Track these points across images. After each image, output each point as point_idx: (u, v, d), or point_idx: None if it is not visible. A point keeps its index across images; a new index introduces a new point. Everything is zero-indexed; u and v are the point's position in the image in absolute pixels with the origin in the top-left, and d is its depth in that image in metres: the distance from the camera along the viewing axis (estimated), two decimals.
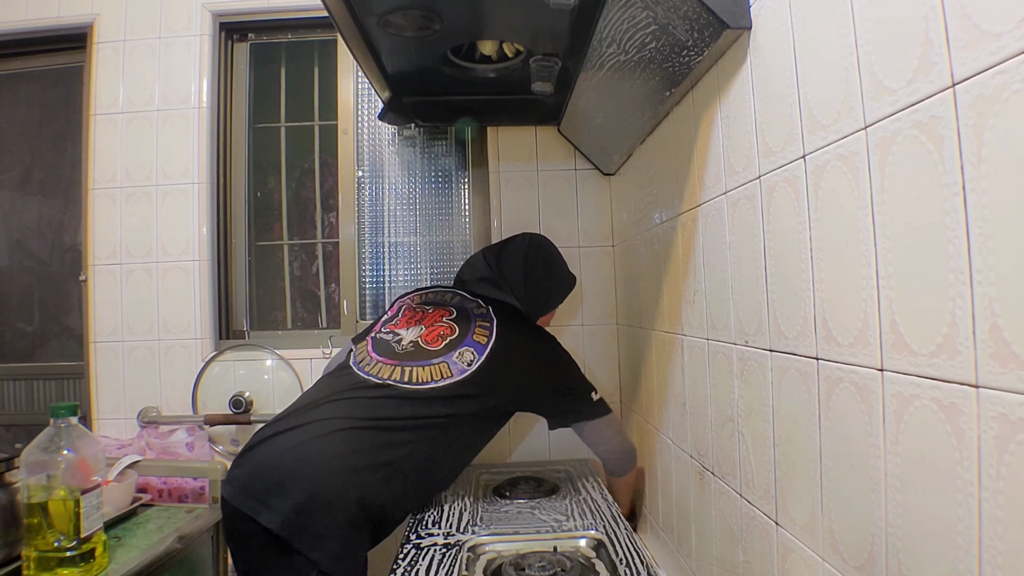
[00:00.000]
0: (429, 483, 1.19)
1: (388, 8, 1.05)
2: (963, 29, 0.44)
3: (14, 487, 1.05)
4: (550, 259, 1.46)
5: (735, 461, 0.89)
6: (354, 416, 1.11)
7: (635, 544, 1.09)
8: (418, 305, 1.38)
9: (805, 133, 0.66)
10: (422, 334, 1.27)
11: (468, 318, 1.30)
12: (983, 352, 0.43)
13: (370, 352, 1.26)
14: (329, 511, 0.99)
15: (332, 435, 1.07)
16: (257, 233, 1.92)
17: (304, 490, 0.99)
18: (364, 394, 1.15)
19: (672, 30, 0.88)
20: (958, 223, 0.45)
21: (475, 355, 1.23)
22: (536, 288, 1.43)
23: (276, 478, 1.02)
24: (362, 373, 1.21)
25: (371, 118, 1.87)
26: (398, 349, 1.25)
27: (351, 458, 1.05)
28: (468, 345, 1.24)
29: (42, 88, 1.91)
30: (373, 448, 1.08)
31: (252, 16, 1.84)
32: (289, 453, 1.05)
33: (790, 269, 0.70)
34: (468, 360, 1.22)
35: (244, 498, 1.02)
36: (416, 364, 1.20)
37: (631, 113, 1.24)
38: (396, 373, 1.19)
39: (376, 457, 1.07)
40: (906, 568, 0.52)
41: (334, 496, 1.00)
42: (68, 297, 1.87)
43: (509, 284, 1.41)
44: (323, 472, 1.02)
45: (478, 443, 1.26)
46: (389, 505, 1.08)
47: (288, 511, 0.98)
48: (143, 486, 1.47)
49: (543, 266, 1.44)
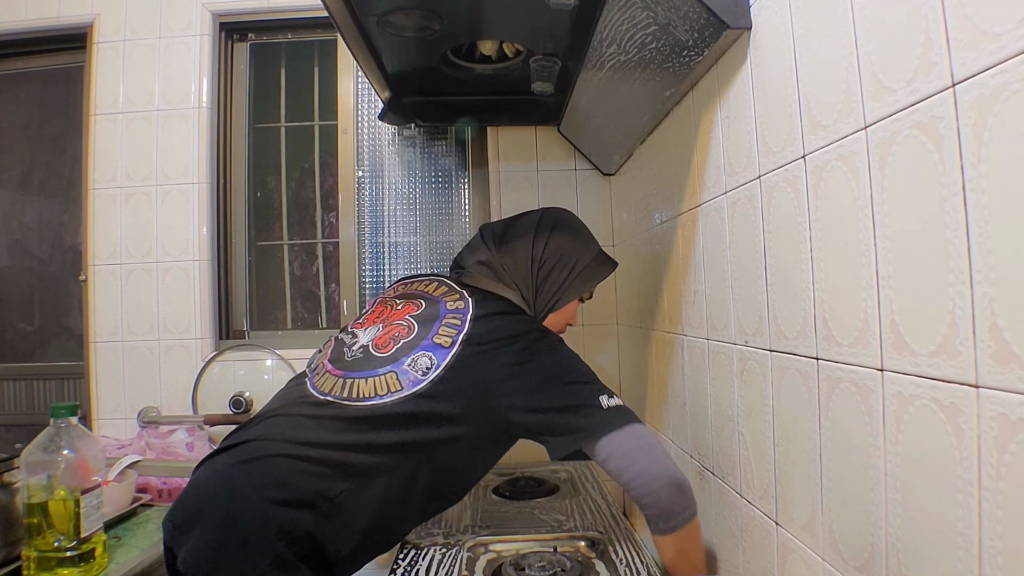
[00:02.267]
0: (387, 528, 0.95)
1: (388, 8, 1.05)
2: (963, 29, 0.44)
3: (14, 487, 1.05)
4: (567, 240, 1.14)
5: (735, 461, 0.89)
6: (288, 438, 0.90)
7: (635, 544, 1.09)
8: (392, 298, 1.11)
9: (805, 133, 0.66)
10: (376, 336, 1.01)
11: (436, 314, 1.01)
12: (983, 352, 0.43)
13: (325, 358, 1.03)
14: (246, 551, 0.82)
15: (259, 460, 0.87)
16: (257, 233, 1.92)
17: (220, 524, 0.83)
18: (305, 411, 0.94)
19: (672, 30, 0.88)
20: (958, 223, 0.45)
21: (433, 361, 0.94)
22: (544, 278, 1.12)
23: (197, 506, 0.86)
24: (310, 384, 0.99)
25: (371, 118, 1.87)
26: (347, 356, 1.00)
27: (275, 490, 0.85)
28: (425, 349, 0.96)
29: (42, 88, 1.91)
30: (304, 479, 0.86)
31: (252, 16, 1.84)
32: (215, 478, 0.88)
33: (790, 269, 0.70)
34: (423, 368, 0.94)
35: (170, 527, 0.87)
36: (360, 375, 0.96)
37: (631, 113, 1.24)
38: (338, 387, 0.95)
39: (307, 490, 0.86)
40: (906, 568, 0.52)
41: (251, 533, 0.82)
42: (68, 297, 1.87)
43: (510, 272, 1.11)
44: (241, 504, 0.84)
45: (458, 480, 1.02)
46: (333, 548, 0.87)
47: (200, 547, 0.83)
48: (143, 486, 1.46)
49: (556, 250, 1.12)
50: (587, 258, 1.14)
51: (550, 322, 1.14)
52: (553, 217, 1.17)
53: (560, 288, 1.12)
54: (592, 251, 1.16)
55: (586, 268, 1.14)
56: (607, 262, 1.17)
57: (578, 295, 1.15)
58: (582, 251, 1.14)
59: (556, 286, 1.12)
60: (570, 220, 1.18)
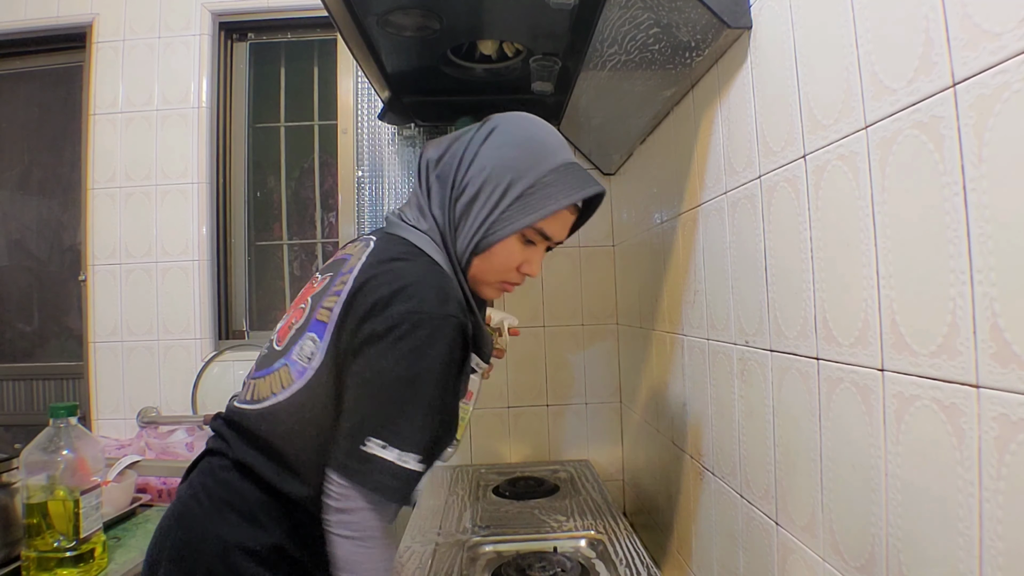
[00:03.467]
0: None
1: (388, 8, 1.05)
2: (964, 28, 0.44)
3: (13, 487, 1.05)
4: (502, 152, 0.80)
5: (735, 461, 0.89)
6: (228, 452, 0.80)
7: (635, 544, 1.09)
8: (316, 273, 0.89)
9: (805, 133, 0.66)
10: (280, 326, 0.85)
11: (332, 281, 0.81)
12: (984, 352, 0.43)
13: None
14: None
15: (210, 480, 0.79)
16: (257, 233, 1.91)
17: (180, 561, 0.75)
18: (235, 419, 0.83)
19: (672, 30, 0.88)
20: (959, 223, 0.45)
21: (315, 343, 0.76)
22: (466, 208, 0.81)
23: (160, 544, 0.78)
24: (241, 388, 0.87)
25: (371, 118, 1.87)
26: (261, 354, 0.86)
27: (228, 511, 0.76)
28: (310, 329, 0.78)
29: (41, 88, 1.91)
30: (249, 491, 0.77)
31: (252, 16, 1.84)
32: (171, 512, 0.80)
33: (790, 269, 0.70)
34: (308, 354, 0.77)
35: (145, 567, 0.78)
36: (259, 375, 0.83)
37: (631, 113, 1.24)
38: (245, 392, 0.84)
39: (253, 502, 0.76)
40: (907, 568, 0.52)
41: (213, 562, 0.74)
42: (68, 297, 1.87)
43: (435, 203, 0.83)
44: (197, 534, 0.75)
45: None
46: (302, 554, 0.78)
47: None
48: (143, 486, 1.46)
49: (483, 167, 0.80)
50: (530, 177, 0.79)
51: (477, 268, 0.83)
52: (490, 128, 0.83)
53: (484, 222, 0.80)
54: (542, 167, 0.80)
55: (529, 190, 0.79)
56: (557, 194, 0.79)
57: (513, 231, 0.79)
58: (523, 167, 0.79)
59: (477, 223, 0.80)
60: (513, 130, 0.83)
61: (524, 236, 0.82)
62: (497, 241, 0.80)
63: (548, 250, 0.88)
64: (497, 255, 0.82)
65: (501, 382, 1.74)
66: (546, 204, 0.79)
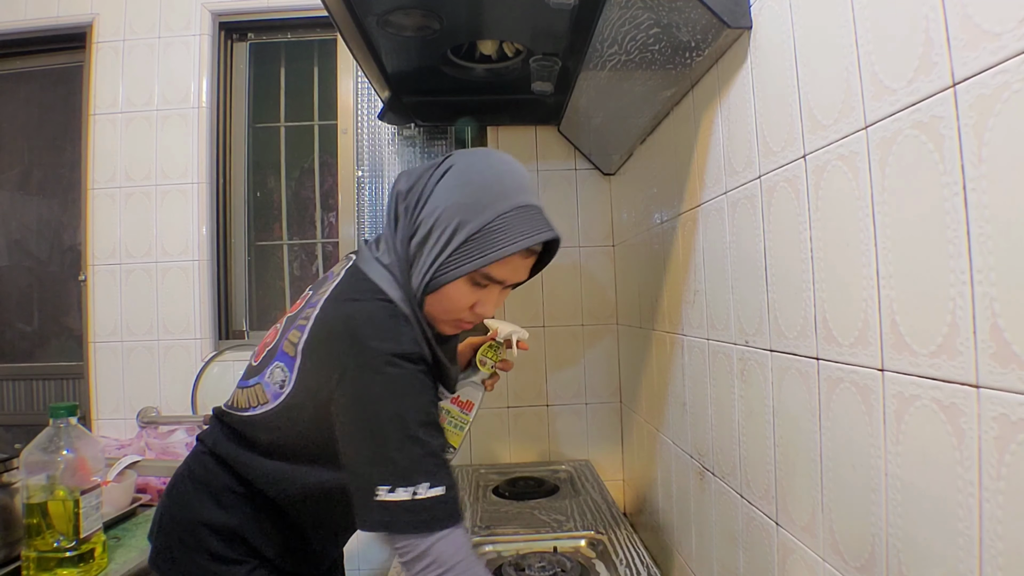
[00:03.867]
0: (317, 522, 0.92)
1: (388, 8, 1.05)
2: (964, 29, 0.44)
3: (14, 487, 1.05)
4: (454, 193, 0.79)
5: (735, 461, 0.89)
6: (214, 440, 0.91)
7: (635, 544, 1.09)
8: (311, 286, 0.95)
9: (805, 133, 0.66)
10: (266, 337, 0.91)
11: (304, 306, 0.86)
12: (984, 352, 0.43)
13: None
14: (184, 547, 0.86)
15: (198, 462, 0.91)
16: (257, 233, 1.91)
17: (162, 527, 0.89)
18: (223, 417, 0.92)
19: (672, 30, 0.88)
20: (959, 223, 0.45)
21: (285, 373, 0.81)
22: (419, 246, 0.81)
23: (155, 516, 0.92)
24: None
25: (371, 118, 1.87)
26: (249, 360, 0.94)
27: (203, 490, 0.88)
28: (278, 359, 0.83)
29: (42, 88, 1.91)
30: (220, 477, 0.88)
31: (252, 16, 1.84)
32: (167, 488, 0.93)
33: (790, 269, 0.70)
34: (279, 381, 0.82)
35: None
36: (241, 385, 0.90)
37: (631, 113, 1.24)
38: (232, 398, 0.92)
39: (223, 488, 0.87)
40: (907, 568, 0.52)
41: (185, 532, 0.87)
42: (68, 297, 1.87)
43: (400, 236, 0.83)
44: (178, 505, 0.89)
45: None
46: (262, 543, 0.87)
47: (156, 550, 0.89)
48: (143, 486, 1.46)
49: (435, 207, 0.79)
50: (479, 221, 0.77)
51: (431, 306, 0.83)
52: (445, 168, 0.82)
53: (433, 264, 0.79)
54: (492, 211, 0.77)
55: (476, 235, 0.77)
56: (503, 241, 0.77)
57: (460, 275, 0.79)
58: (473, 210, 0.77)
59: (428, 262, 0.80)
60: (472, 165, 0.82)
61: (473, 280, 0.81)
62: (445, 283, 0.80)
63: (513, 287, 0.88)
64: (447, 296, 0.82)
65: (501, 382, 1.73)
66: (492, 250, 0.77)
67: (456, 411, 1.14)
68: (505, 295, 0.88)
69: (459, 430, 1.14)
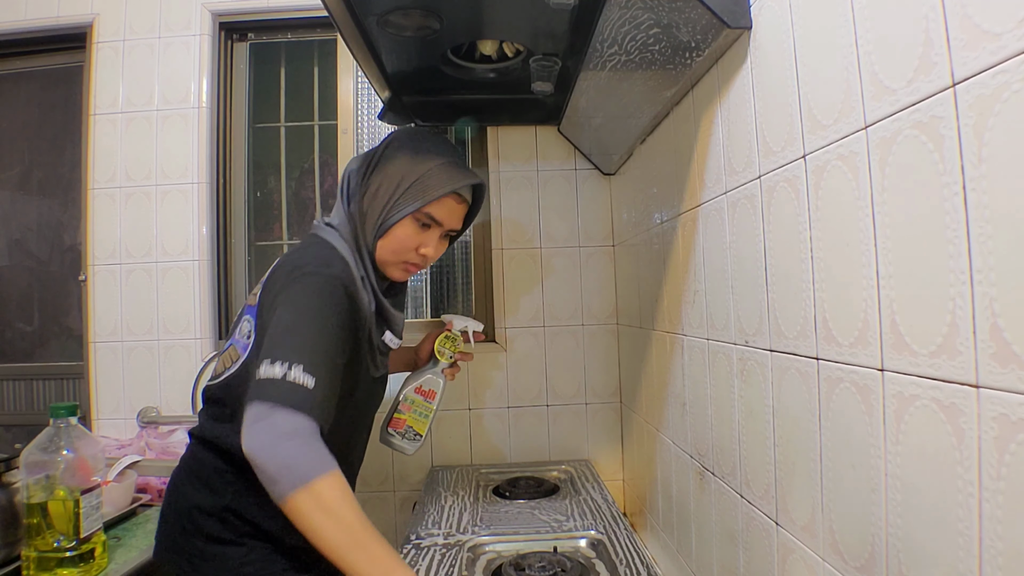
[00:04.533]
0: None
1: (388, 8, 1.05)
2: (963, 29, 0.44)
3: (14, 487, 1.05)
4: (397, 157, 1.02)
5: (735, 461, 0.89)
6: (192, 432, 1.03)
7: (635, 544, 1.09)
8: None
9: (805, 133, 0.66)
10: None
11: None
12: (984, 352, 0.43)
13: None
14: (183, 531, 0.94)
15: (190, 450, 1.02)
16: (257, 233, 1.91)
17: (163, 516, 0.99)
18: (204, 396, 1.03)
19: (672, 30, 0.88)
20: (958, 223, 0.45)
21: (251, 323, 0.94)
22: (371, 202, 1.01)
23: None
24: None
25: (371, 118, 1.87)
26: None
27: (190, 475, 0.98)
28: (247, 313, 0.97)
29: (42, 88, 1.91)
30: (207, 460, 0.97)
31: (252, 16, 1.84)
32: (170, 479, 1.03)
33: (790, 269, 0.70)
34: (247, 332, 0.95)
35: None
36: (219, 355, 1.02)
37: (631, 113, 1.24)
38: (213, 370, 1.03)
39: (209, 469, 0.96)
40: (906, 568, 0.52)
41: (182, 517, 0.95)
42: (68, 297, 1.87)
43: (354, 201, 1.02)
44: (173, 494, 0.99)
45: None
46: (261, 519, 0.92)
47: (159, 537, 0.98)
48: (143, 486, 1.46)
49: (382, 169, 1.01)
50: (410, 179, 0.99)
51: (382, 250, 1.01)
52: (389, 140, 1.05)
53: (381, 212, 0.99)
54: (421, 169, 0.99)
55: (408, 190, 0.98)
56: (437, 184, 0.99)
57: (400, 217, 0.99)
58: (407, 172, 1.00)
59: (377, 211, 0.99)
60: (406, 141, 1.04)
61: (417, 220, 1.01)
62: (394, 223, 1.00)
63: (451, 240, 1.09)
64: (396, 236, 1.00)
65: (501, 382, 1.74)
66: (431, 191, 0.99)
67: (420, 400, 1.25)
68: (444, 244, 1.08)
69: (424, 418, 1.25)
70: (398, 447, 1.23)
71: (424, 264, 1.04)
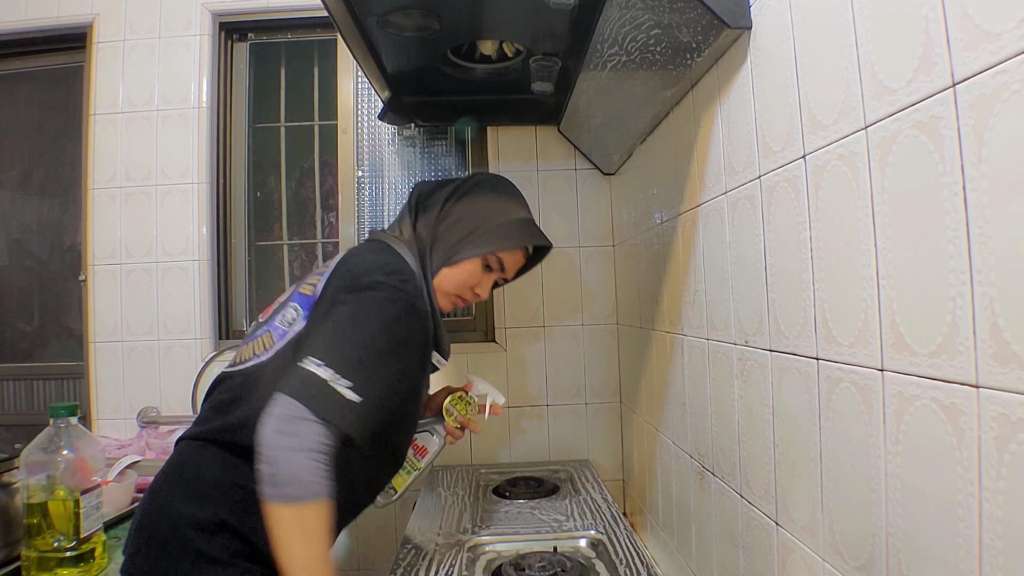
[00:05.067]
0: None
1: (388, 8, 1.05)
2: (963, 29, 0.44)
3: (14, 487, 1.05)
4: (480, 201, 1.05)
5: (735, 461, 0.89)
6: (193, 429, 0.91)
7: (635, 544, 1.09)
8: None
9: (805, 133, 0.66)
10: (265, 311, 1.01)
11: (313, 272, 0.99)
12: (983, 352, 0.43)
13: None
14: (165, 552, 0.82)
15: (177, 458, 0.90)
16: (257, 233, 1.91)
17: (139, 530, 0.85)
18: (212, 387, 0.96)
19: (673, 30, 0.88)
20: (958, 223, 0.45)
21: (298, 312, 0.90)
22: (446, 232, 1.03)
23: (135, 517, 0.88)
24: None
25: (371, 118, 1.87)
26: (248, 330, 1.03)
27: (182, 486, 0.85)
28: (294, 300, 0.93)
29: (42, 88, 1.91)
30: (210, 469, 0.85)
31: (252, 16, 1.84)
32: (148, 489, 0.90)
33: (790, 269, 0.70)
34: (289, 320, 0.91)
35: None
36: (245, 342, 0.96)
37: (631, 113, 1.24)
38: (235, 357, 0.96)
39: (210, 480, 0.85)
40: (906, 568, 0.52)
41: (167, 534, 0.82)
42: (68, 297, 1.87)
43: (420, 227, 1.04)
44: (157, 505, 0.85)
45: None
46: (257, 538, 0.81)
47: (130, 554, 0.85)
48: (143, 486, 1.46)
49: (464, 207, 1.04)
50: (494, 222, 1.03)
51: (444, 278, 1.02)
52: (478, 179, 1.09)
53: (457, 243, 1.01)
54: (504, 218, 1.04)
55: (489, 231, 1.02)
56: (518, 235, 1.04)
57: (475, 254, 1.01)
58: (491, 215, 1.03)
59: (453, 240, 1.02)
60: (495, 185, 1.08)
61: (486, 261, 1.04)
62: (465, 257, 1.01)
63: (496, 286, 1.10)
64: (463, 270, 1.03)
65: (501, 382, 1.74)
66: (509, 239, 1.03)
67: (410, 454, 1.12)
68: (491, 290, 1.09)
69: (407, 474, 1.12)
70: None
71: (469, 303, 1.07)
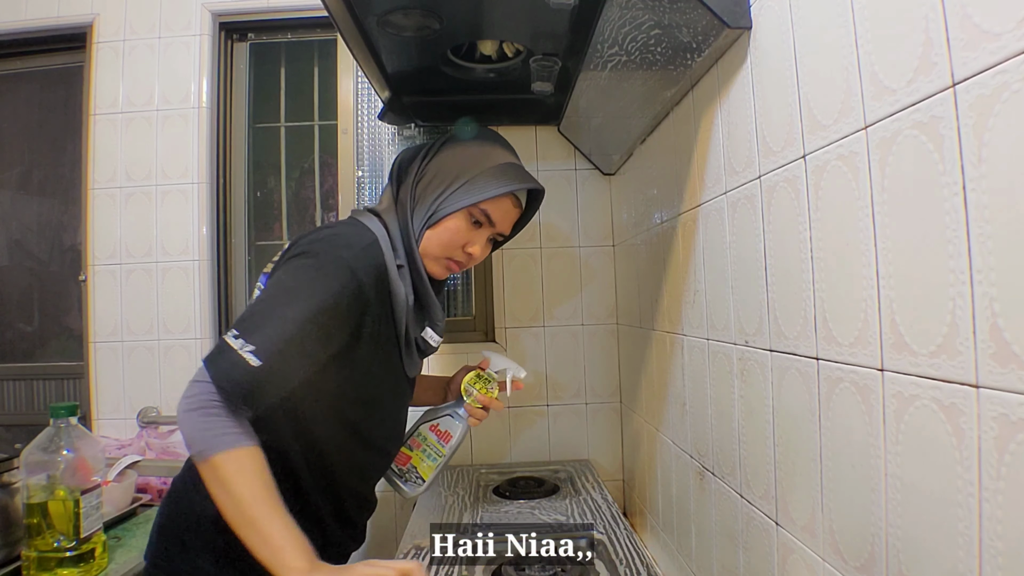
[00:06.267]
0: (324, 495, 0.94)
1: (388, 8, 1.05)
2: (963, 29, 0.44)
3: (14, 487, 1.05)
4: (455, 152, 1.00)
5: (735, 461, 0.89)
6: None
7: (635, 544, 1.09)
8: None
9: (805, 133, 0.66)
10: None
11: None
12: (983, 352, 0.43)
13: None
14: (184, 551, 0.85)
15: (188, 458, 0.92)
16: (257, 233, 1.91)
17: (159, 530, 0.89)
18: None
19: (673, 30, 0.88)
20: (958, 223, 0.45)
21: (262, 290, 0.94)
22: (423, 192, 0.98)
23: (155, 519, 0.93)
24: None
25: (371, 118, 1.87)
26: None
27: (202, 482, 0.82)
28: (261, 281, 0.97)
29: (42, 88, 1.91)
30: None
31: (252, 16, 1.84)
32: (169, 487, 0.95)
33: (790, 269, 0.70)
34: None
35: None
36: None
37: (631, 113, 1.24)
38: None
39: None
40: (906, 568, 0.52)
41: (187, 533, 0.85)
42: (68, 297, 1.87)
43: (399, 192, 1.00)
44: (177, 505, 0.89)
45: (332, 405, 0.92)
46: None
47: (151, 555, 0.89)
48: (143, 486, 1.46)
49: (439, 162, 0.99)
50: (473, 171, 0.96)
51: (429, 241, 0.97)
52: (453, 131, 1.04)
53: (435, 201, 0.96)
54: (484, 165, 0.98)
55: (468, 182, 0.96)
56: (499, 182, 0.96)
57: (455, 209, 0.95)
58: (469, 164, 0.98)
59: (431, 199, 0.96)
60: (471, 131, 1.04)
61: (471, 215, 0.97)
62: (446, 214, 0.95)
63: (496, 245, 1.05)
64: (446, 228, 0.96)
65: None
66: (489, 188, 0.95)
67: (433, 440, 1.12)
68: (489, 248, 1.03)
69: (433, 461, 1.12)
70: (396, 487, 1.12)
71: (467, 264, 1.01)
